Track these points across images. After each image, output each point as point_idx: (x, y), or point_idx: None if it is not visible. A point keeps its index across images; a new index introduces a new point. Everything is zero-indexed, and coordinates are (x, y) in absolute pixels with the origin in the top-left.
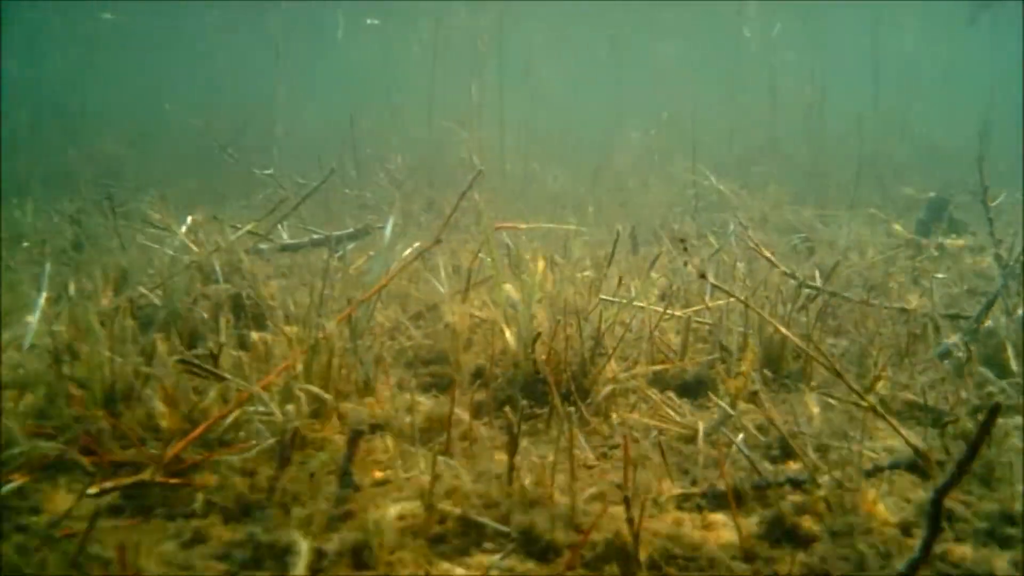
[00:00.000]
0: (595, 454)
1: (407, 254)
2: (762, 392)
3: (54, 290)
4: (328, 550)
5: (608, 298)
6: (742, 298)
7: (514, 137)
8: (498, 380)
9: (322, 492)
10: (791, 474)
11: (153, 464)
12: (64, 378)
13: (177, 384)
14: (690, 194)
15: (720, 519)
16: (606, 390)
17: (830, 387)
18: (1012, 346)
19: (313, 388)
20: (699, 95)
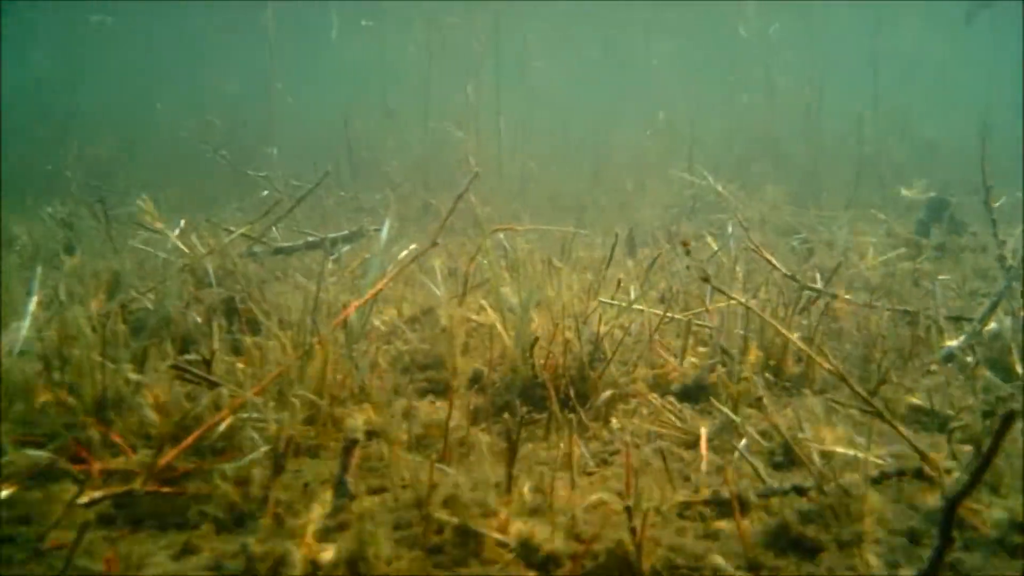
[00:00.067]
0: (595, 460)
1: (403, 256)
2: (765, 397)
3: (45, 294)
4: (323, 561)
5: (607, 301)
6: (743, 301)
7: (511, 138)
8: (496, 385)
9: (317, 501)
10: (796, 481)
11: (144, 473)
12: (54, 385)
13: (169, 391)
14: (688, 195)
15: (724, 527)
16: (606, 395)
17: (832, 391)
18: (1017, 349)
19: (308, 394)
20: (696, 95)
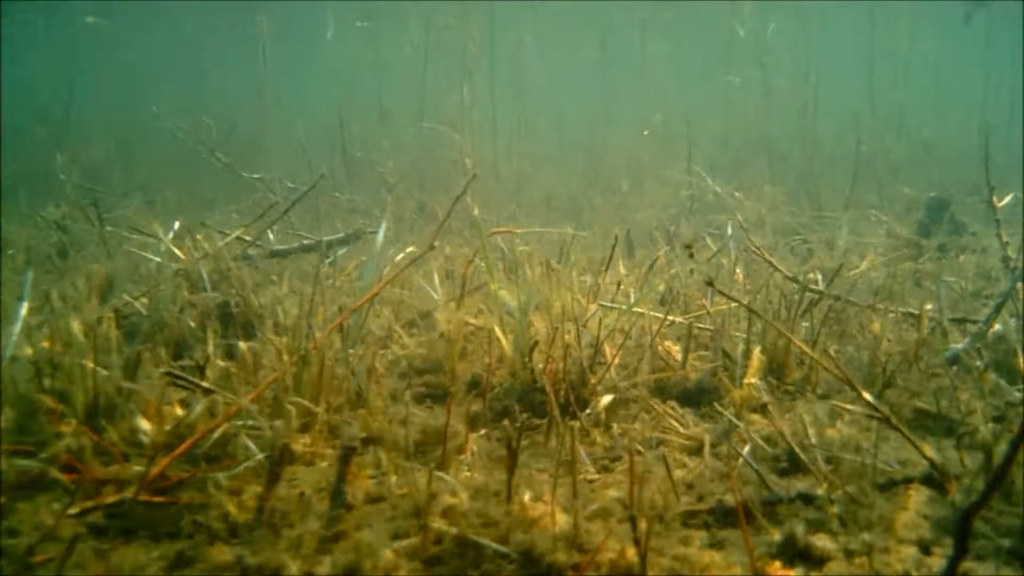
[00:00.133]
0: (596, 467)
1: (399, 259)
2: (769, 402)
3: (38, 299)
4: (319, 574)
5: (607, 304)
6: (746, 303)
7: (507, 138)
8: (495, 390)
9: (313, 511)
10: (802, 489)
11: (137, 482)
12: (45, 392)
13: (162, 398)
14: (685, 196)
15: (729, 536)
16: (606, 400)
17: (837, 395)
18: (1023, 351)
19: (303, 401)
20: (693, 95)
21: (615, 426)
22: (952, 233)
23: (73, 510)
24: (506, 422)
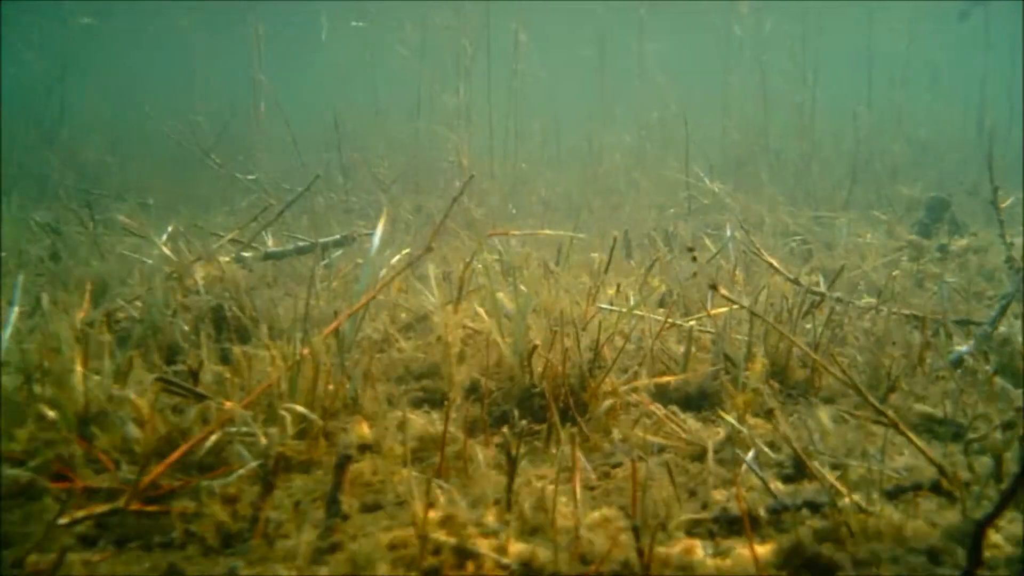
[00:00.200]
0: (597, 473)
1: (396, 261)
2: (775, 407)
3: (29, 303)
4: None
5: (606, 307)
6: (747, 306)
7: (503, 138)
8: (493, 395)
9: (308, 521)
10: (808, 496)
11: (128, 491)
12: (35, 398)
13: (154, 404)
14: (683, 196)
15: (734, 546)
16: (606, 404)
17: (838, 398)
18: None
19: (298, 407)
20: (689, 94)
21: (615, 431)
22: (953, 233)
23: (63, 520)
24: (505, 429)
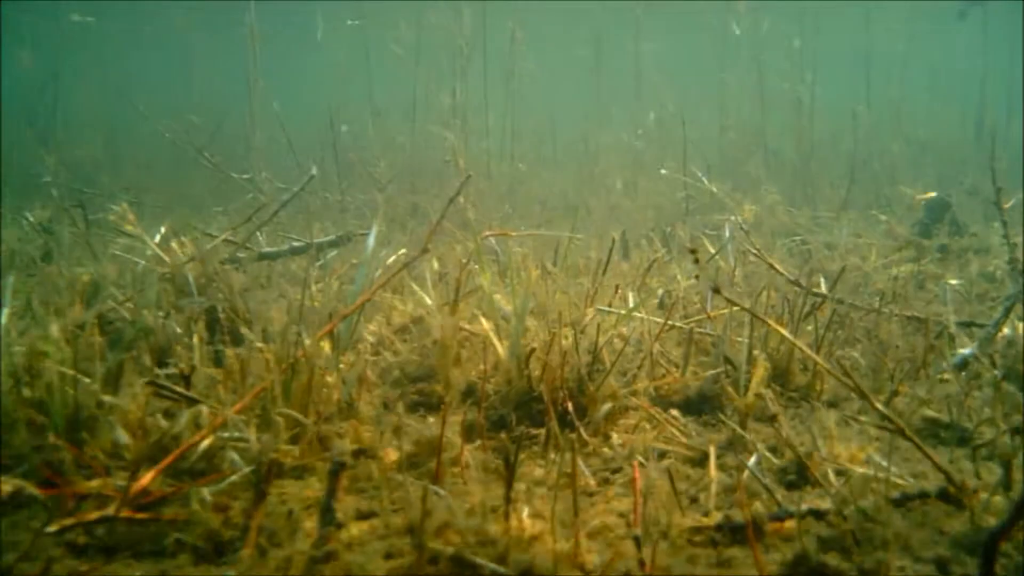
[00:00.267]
0: (596, 479)
1: (392, 262)
2: (778, 414)
3: (19, 304)
4: None
5: (605, 309)
6: (748, 308)
7: (499, 138)
8: (490, 398)
9: (302, 529)
10: (811, 503)
11: (118, 497)
12: (24, 402)
13: (145, 409)
14: (680, 196)
15: (737, 555)
16: (605, 408)
17: (841, 402)
18: None
19: (292, 412)
20: (686, 94)
21: (614, 436)
22: (953, 234)
23: (52, 528)
24: (503, 435)
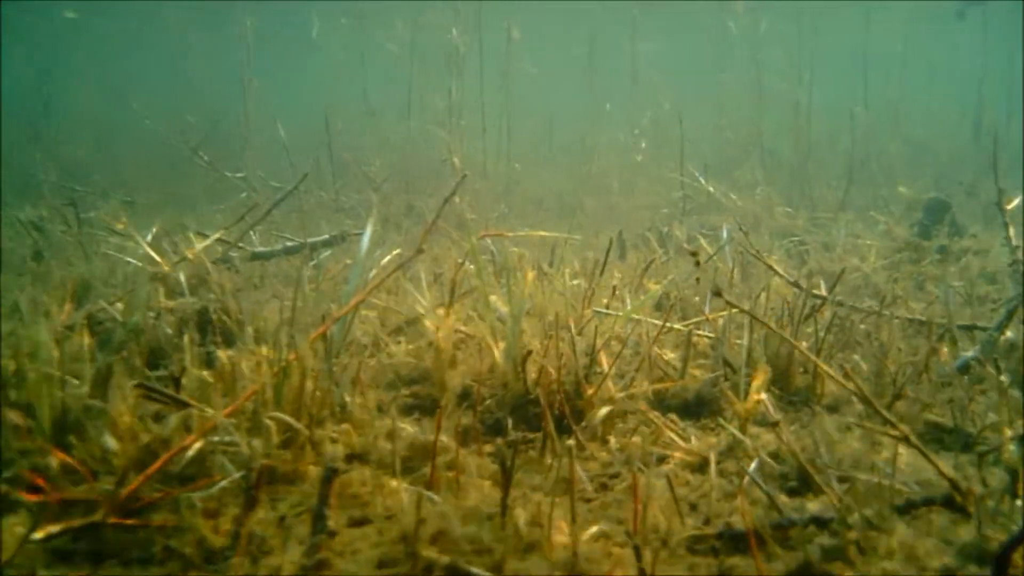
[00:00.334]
0: (594, 485)
1: (386, 262)
2: (773, 415)
3: (7, 305)
4: None
5: (602, 310)
6: (748, 310)
7: (495, 137)
8: (486, 402)
9: (293, 536)
10: (814, 510)
11: (106, 503)
12: (10, 405)
13: (134, 413)
14: (677, 196)
15: (738, 564)
16: (603, 412)
17: (842, 406)
18: None
19: (284, 416)
20: (684, 93)
21: (612, 440)
22: (953, 235)
23: (38, 534)
24: (500, 441)
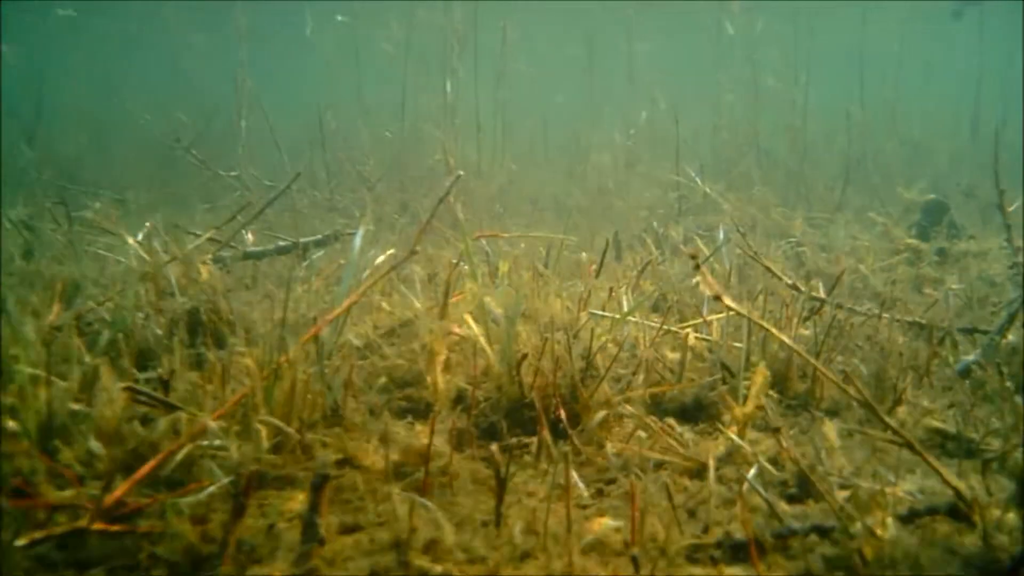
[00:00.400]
0: (590, 491)
1: (380, 262)
2: (773, 420)
3: None
4: None
5: (598, 312)
6: (747, 313)
7: (491, 137)
8: (480, 405)
9: (283, 544)
10: (814, 518)
11: (92, 509)
12: None
13: (121, 415)
14: (673, 196)
15: (738, 573)
16: (599, 416)
17: (842, 410)
18: None
19: (274, 420)
20: (680, 93)
21: (609, 444)
22: (951, 236)
23: (21, 541)
24: (494, 447)
